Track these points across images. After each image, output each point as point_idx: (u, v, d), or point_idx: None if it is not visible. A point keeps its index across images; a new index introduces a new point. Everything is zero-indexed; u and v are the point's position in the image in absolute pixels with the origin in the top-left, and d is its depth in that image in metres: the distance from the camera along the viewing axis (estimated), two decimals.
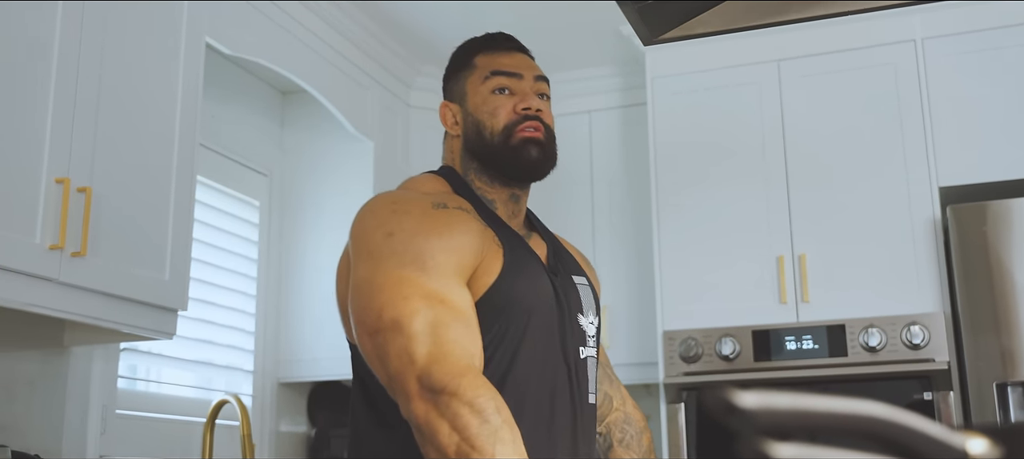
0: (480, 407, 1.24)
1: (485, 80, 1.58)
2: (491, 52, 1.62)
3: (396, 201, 1.46)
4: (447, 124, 1.62)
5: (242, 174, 3.63)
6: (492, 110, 1.56)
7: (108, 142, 2.41)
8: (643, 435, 1.81)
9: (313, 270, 3.74)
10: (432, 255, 1.37)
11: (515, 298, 1.44)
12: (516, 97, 1.57)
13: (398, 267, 1.36)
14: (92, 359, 2.80)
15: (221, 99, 3.50)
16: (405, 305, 1.32)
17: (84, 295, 2.31)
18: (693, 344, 3.41)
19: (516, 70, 1.59)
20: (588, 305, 1.60)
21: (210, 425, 2.98)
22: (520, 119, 1.55)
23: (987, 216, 3.15)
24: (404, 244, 1.37)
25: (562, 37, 3.86)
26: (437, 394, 1.25)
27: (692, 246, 3.55)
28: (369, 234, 1.42)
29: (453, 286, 1.37)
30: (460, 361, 1.29)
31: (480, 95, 1.58)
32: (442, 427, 1.23)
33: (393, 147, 3.96)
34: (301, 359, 3.68)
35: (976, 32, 3.40)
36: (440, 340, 1.30)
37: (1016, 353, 3.03)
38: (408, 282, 1.34)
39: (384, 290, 1.34)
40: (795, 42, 3.57)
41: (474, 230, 1.44)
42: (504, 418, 1.25)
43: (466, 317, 1.35)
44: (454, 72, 1.65)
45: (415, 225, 1.40)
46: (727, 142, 3.59)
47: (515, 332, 1.44)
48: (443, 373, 1.26)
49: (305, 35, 3.46)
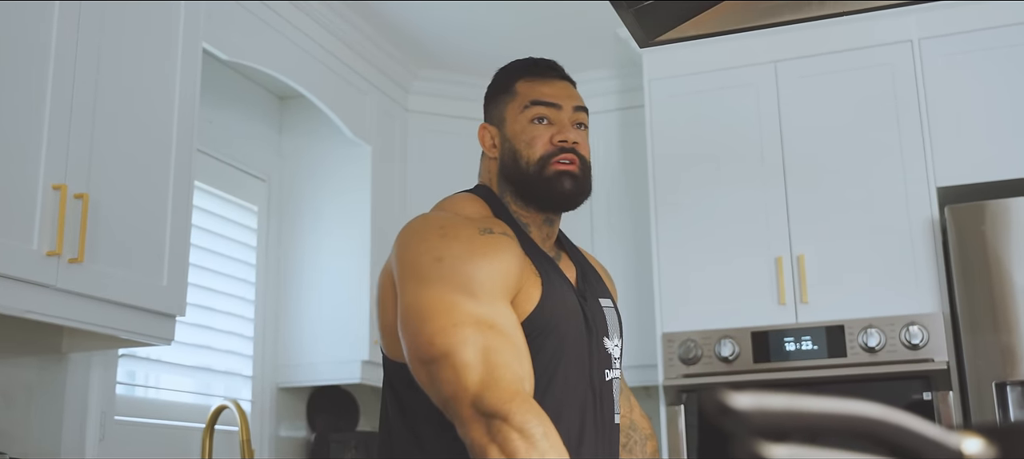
0: (529, 432, 1.27)
1: (524, 109, 1.60)
2: (532, 79, 1.63)
3: (444, 225, 1.48)
4: (485, 146, 1.65)
5: (240, 179, 3.63)
6: (529, 140, 1.59)
7: (105, 148, 2.41)
8: (647, 442, 1.83)
9: (312, 275, 3.74)
10: (480, 281, 1.39)
11: (552, 327, 1.48)
12: (554, 128, 1.59)
13: (448, 292, 1.38)
14: (90, 365, 2.80)
15: (218, 104, 3.50)
16: (456, 333, 1.34)
17: (82, 301, 2.31)
18: (692, 346, 3.41)
19: (555, 100, 1.61)
20: (613, 328, 1.64)
21: (209, 431, 2.97)
22: (556, 151, 1.58)
23: (985, 216, 3.15)
24: (453, 269, 1.40)
25: (559, 40, 3.86)
26: (490, 419, 1.29)
27: (691, 248, 3.55)
28: (418, 258, 1.43)
29: (501, 310, 1.40)
30: (511, 385, 1.32)
31: (519, 123, 1.60)
32: (492, 450, 1.27)
33: (391, 152, 3.96)
34: (300, 364, 3.67)
35: (972, 32, 3.40)
36: (491, 365, 1.33)
37: (1015, 352, 3.03)
38: (457, 308, 1.36)
39: (435, 317, 1.36)
40: (792, 43, 3.57)
41: (517, 256, 1.47)
42: (552, 442, 1.29)
43: (514, 340, 1.38)
44: (495, 95, 1.67)
45: (463, 250, 1.42)
46: (725, 143, 3.59)
47: (552, 359, 1.47)
48: (494, 398, 1.29)
49: (302, 40, 3.46)
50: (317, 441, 3.74)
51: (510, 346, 1.37)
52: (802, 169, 3.48)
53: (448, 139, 4.17)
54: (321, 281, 3.73)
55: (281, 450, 3.67)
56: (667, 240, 3.58)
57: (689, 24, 1.86)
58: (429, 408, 1.41)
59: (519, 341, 1.39)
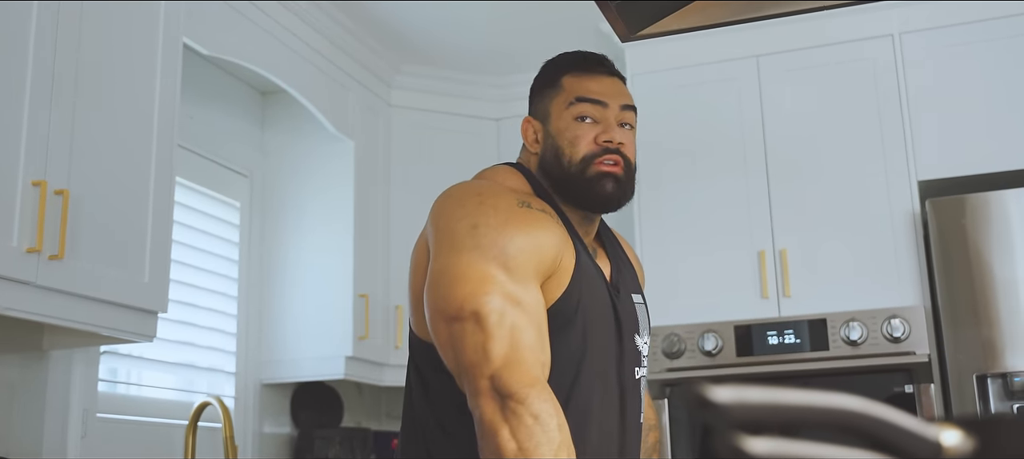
0: (544, 421, 1.27)
1: (569, 105, 1.55)
2: (580, 74, 1.58)
3: (482, 193, 1.45)
4: (527, 140, 1.60)
5: (222, 175, 3.62)
6: (573, 138, 1.53)
7: (85, 144, 2.39)
8: (649, 433, 1.81)
9: (295, 270, 3.73)
10: (514, 254, 1.37)
11: (580, 312, 1.45)
12: (599, 127, 1.54)
13: (482, 261, 1.36)
14: (72, 363, 2.78)
15: (200, 100, 3.48)
16: (487, 301, 1.33)
17: (63, 298, 2.29)
18: (675, 340, 3.42)
19: (602, 97, 1.55)
20: (644, 326, 1.61)
21: (192, 427, 2.96)
22: (600, 151, 1.52)
23: (966, 209, 3.17)
24: (490, 239, 1.37)
25: (542, 35, 3.86)
26: (505, 398, 1.28)
27: (673, 242, 3.55)
28: (454, 224, 1.41)
29: (531, 289, 1.38)
30: (532, 369, 1.31)
31: (563, 120, 1.55)
32: (503, 431, 1.27)
33: (374, 147, 3.95)
34: (283, 360, 3.66)
35: (953, 26, 3.42)
36: (516, 344, 1.32)
37: (996, 345, 3.06)
38: (490, 279, 1.35)
39: (467, 282, 1.35)
40: (774, 38, 3.58)
41: (556, 233, 1.44)
42: (564, 437, 1.28)
43: (539, 323, 1.37)
44: (540, 88, 1.62)
45: (501, 221, 1.40)
46: (707, 138, 3.60)
47: (577, 351, 1.45)
48: (514, 379, 1.29)
49: (284, 35, 3.45)
50: (301, 437, 3.74)
51: (535, 329, 1.35)
52: (784, 163, 3.50)
53: (432, 134, 4.17)
54: (304, 277, 3.72)
55: (265, 447, 3.66)
56: (650, 234, 3.58)
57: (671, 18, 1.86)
58: (455, 392, 1.39)
59: (543, 326, 1.37)
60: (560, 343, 1.42)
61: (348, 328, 3.60)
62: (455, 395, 1.40)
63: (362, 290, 3.67)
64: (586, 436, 1.43)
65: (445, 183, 1.67)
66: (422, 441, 1.50)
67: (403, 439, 1.56)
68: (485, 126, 4.26)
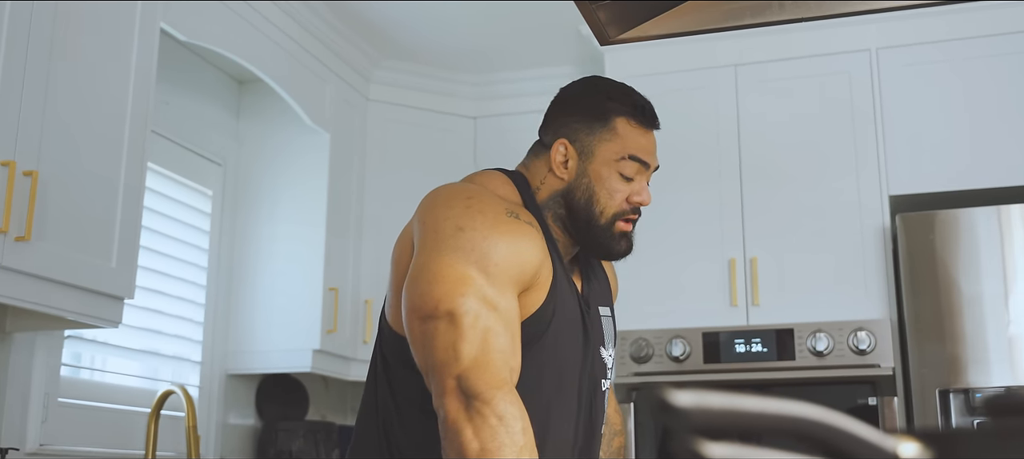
0: (509, 423, 1.29)
1: (620, 159, 1.54)
2: (636, 124, 1.57)
3: (472, 197, 1.46)
4: (555, 162, 1.57)
5: (195, 163, 3.59)
6: (612, 190, 1.54)
7: (56, 126, 2.37)
8: (614, 438, 1.83)
9: (265, 261, 3.71)
10: (496, 260, 1.39)
11: (552, 325, 1.47)
12: (634, 185, 1.56)
13: (462, 263, 1.37)
14: (35, 346, 2.75)
15: (175, 86, 3.45)
16: (463, 302, 1.34)
17: (27, 281, 2.27)
18: (644, 345, 3.42)
19: (649, 160, 1.58)
20: (609, 338, 1.64)
21: (155, 415, 2.94)
22: (629, 211, 1.56)
23: (935, 225, 3.20)
24: (473, 242, 1.39)
25: (522, 36, 3.86)
26: (471, 398, 1.30)
27: (646, 247, 3.56)
28: (440, 223, 1.42)
29: (508, 296, 1.39)
30: (500, 372, 1.33)
31: (609, 168, 1.55)
32: (467, 430, 1.28)
33: (350, 140, 3.94)
34: (250, 351, 3.64)
35: (930, 44, 3.45)
36: (487, 347, 1.33)
37: (960, 360, 3.09)
38: (469, 280, 1.36)
39: (445, 281, 1.36)
40: (752, 48, 3.60)
41: (539, 246, 1.46)
42: (528, 441, 1.30)
43: (513, 330, 1.38)
44: (588, 118, 1.57)
45: (486, 226, 1.41)
46: (683, 145, 3.61)
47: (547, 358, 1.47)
48: (482, 380, 1.30)
49: (263, 24, 3.42)
50: (265, 430, 3.71)
51: (508, 334, 1.37)
52: (758, 172, 3.51)
53: (409, 130, 4.15)
54: (274, 268, 3.69)
55: (228, 438, 3.64)
56: None
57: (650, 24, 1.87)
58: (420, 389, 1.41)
59: (516, 333, 1.39)
60: (529, 354, 1.43)
61: (316, 321, 3.58)
62: (419, 392, 1.42)
63: (332, 283, 3.66)
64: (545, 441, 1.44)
65: (420, 179, 1.67)
66: (382, 433, 1.51)
67: (360, 427, 1.56)
68: (462, 123, 4.25)
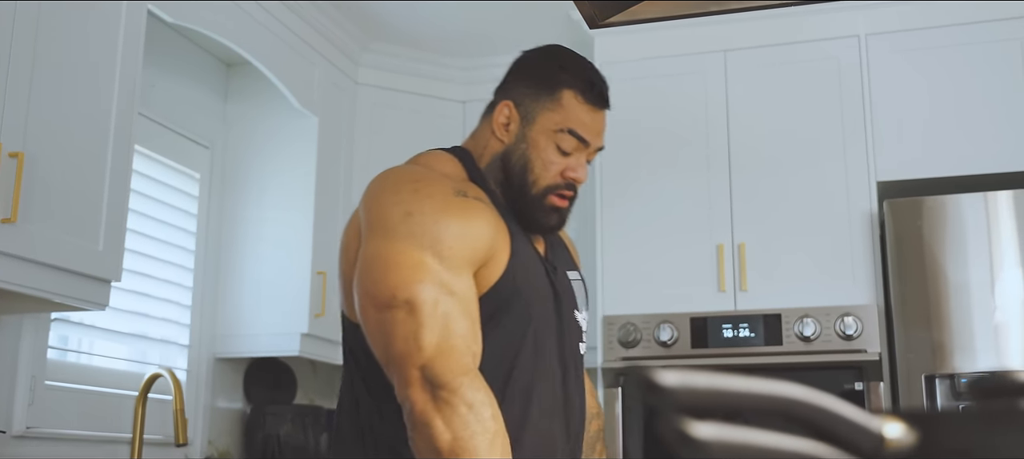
0: (478, 410, 1.26)
1: (558, 131, 1.53)
2: (583, 100, 1.56)
3: (418, 180, 1.44)
4: (497, 123, 1.56)
5: (183, 145, 3.57)
6: (547, 162, 1.53)
7: (43, 107, 2.35)
8: (593, 421, 1.82)
9: (253, 244, 3.70)
10: (449, 243, 1.36)
11: (519, 292, 1.45)
12: (571, 160, 1.54)
13: (415, 249, 1.35)
14: (21, 329, 2.74)
15: (163, 68, 3.43)
16: (421, 289, 1.32)
17: (13, 263, 2.25)
18: (632, 329, 3.43)
19: (590, 138, 1.56)
20: (582, 301, 1.62)
21: (142, 398, 2.93)
22: (562, 185, 1.54)
23: (923, 211, 3.21)
24: (423, 226, 1.36)
25: (511, 20, 3.85)
26: (437, 388, 1.27)
27: (634, 232, 3.57)
28: (387, 210, 1.40)
29: (464, 278, 1.37)
30: (463, 358, 1.30)
31: (547, 138, 1.53)
32: (437, 422, 1.25)
33: (338, 124, 3.92)
34: (238, 334, 3.63)
35: (918, 30, 3.45)
36: (449, 333, 1.31)
37: (945, 346, 3.10)
38: (424, 267, 1.33)
39: (400, 269, 1.34)
40: (742, 33, 3.60)
41: (490, 222, 1.44)
42: (499, 427, 1.28)
43: (471, 312, 1.36)
44: (534, 83, 1.57)
45: (435, 208, 1.38)
46: (672, 130, 3.62)
47: (519, 326, 1.45)
48: (446, 369, 1.28)
49: (251, 6, 3.40)
50: (253, 413, 3.71)
51: (468, 319, 1.35)
52: (747, 158, 3.52)
53: (398, 114, 4.14)
54: (262, 251, 3.68)
55: (216, 421, 3.63)
56: (611, 223, 3.59)
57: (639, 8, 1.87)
58: None
59: (475, 316, 1.37)
60: (499, 326, 1.42)
61: (304, 305, 3.57)
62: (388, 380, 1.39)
63: (320, 267, 3.65)
64: (528, 413, 1.42)
65: None
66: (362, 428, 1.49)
67: (340, 423, 1.55)
68: (451, 108, 4.24)
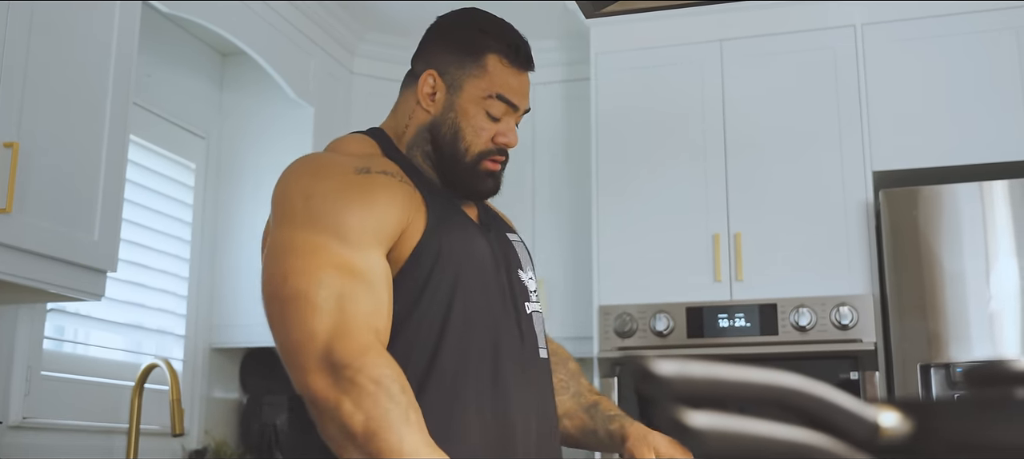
0: (387, 385, 1.21)
1: (487, 98, 1.51)
2: (507, 63, 1.53)
3: (318, 163, 1.43)
4: (422, 94, 1.53)
5: (178, 136, 3.56)
6: (477, 128, 1.51)
7: (38, 97, 2.34)
8: (568, 361, 1.74)
9: (248, 234, 3.69)
10: (350, 223, 1.33)
11: (441, 253, 1.41)
12: (500, 126, 1.52)
13: (313, 233, 1.32)
14: (17, 319, 2.74)
15: (158, 58, 3.43)
16: (313, 275, 1.28)
17: (9, 253, 2.25)
18: (628, 319, 3.44)
19: (518, 101, 1.53)
20: (526, 261, 1.59)
21: (138, 389, 2.93)
22: (494, 150, 1.52)
23: (918, 201, 3.21)
24: (321, 208, 1.33)
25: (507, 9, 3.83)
26: (339, 370, 1.22)
27: (630, 222, 3.57)
28: (288, 197, 1.38)
29: (369, 255, 1.33)
30: (363, 337, 1.26)
31: (476, 105, 1.51)
32: (345, 403, 1.21)
33: (333, 114, 3.92)
34: (234, 325, 3.63)
35: (914, 20, 3.46)
36: (345, 314, 1.27)
37: (941, 336, 3.11)
38: (322, 249, 1.30)
39: (295, 255, 1.31)
40: (738, 23, 3.60)
41: (397, 195, 1.40)
42: (409, 399, 1.23)
43: (377, 290, 1.32)
44: (459, 51, 1.53)
45: (334, 189, 1.36)
46: (668, 120, 3.62)
47: (446, 288, 1.41)
48: (345, 349, 1.23)
49: None
50: (249, 403, 3.71)
51: (371, 296, 1.30)
52: (743, 148, 3.52)
53: (391, 103, 4.12)
54: (258, 241, 3.67)
55: (212, 411, 3.63)
56: (607, 213, 3.60)
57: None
58: None
59: (382, 292, 1.33)
60: (427, 286, 1.38)
61: None
62: None
63: None
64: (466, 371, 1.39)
65: None
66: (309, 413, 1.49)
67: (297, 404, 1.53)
68: None
